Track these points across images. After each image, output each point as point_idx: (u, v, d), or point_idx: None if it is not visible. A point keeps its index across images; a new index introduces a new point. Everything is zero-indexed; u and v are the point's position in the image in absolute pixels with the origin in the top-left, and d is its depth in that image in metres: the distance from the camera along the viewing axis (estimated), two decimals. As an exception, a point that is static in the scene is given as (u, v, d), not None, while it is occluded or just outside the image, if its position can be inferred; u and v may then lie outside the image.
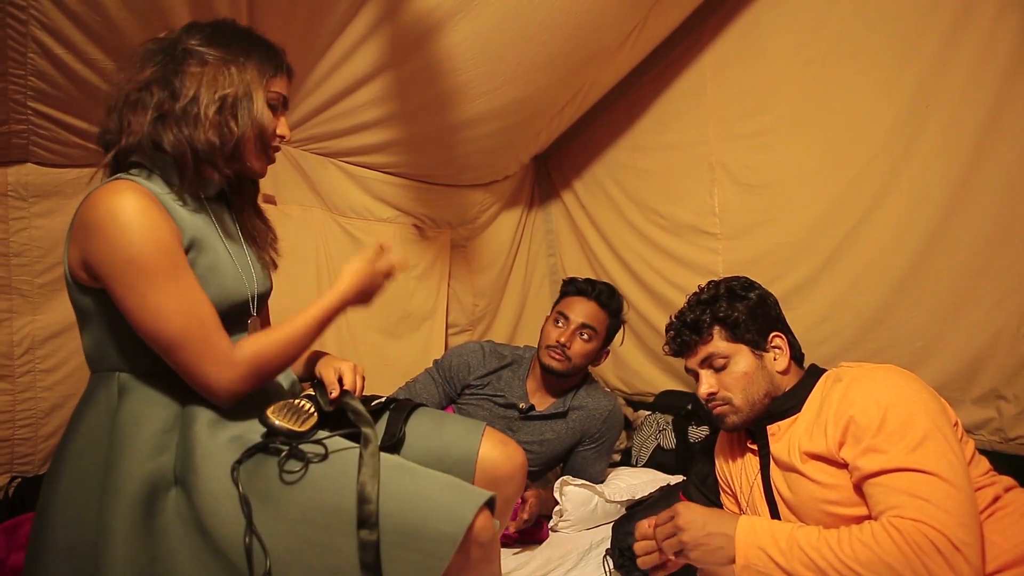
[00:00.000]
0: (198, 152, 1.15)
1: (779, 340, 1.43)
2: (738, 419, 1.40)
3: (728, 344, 1.42)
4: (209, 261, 1.17)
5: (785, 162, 2.29)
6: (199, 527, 1.06)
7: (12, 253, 1.78)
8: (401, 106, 2.17)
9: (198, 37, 1.18)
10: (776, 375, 1.41)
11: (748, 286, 1.48)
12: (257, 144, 1.22)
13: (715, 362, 1.42)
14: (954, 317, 1.95)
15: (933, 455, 1.14)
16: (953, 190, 1.92)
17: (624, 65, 2.55)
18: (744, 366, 1.40)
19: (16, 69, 1.56)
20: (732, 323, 1.42)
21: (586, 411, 2.17)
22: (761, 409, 1.40)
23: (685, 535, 1.21)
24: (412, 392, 2.19)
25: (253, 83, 1.18)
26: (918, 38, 1.95)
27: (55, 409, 1.88)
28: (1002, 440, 1.89)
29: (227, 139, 1.16)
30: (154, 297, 1.06)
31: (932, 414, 1.20)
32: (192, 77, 1.15)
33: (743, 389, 1.39)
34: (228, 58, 1.17)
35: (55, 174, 1.81)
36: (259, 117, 1.19)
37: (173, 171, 1.16)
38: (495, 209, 2.93)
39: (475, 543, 1.06)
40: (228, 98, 1.16)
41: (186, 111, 1.14)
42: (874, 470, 1.18)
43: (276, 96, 1.23)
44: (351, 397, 1.28)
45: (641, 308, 2.77)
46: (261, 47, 1.22)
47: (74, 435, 1.15)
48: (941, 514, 1.08)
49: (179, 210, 1.15)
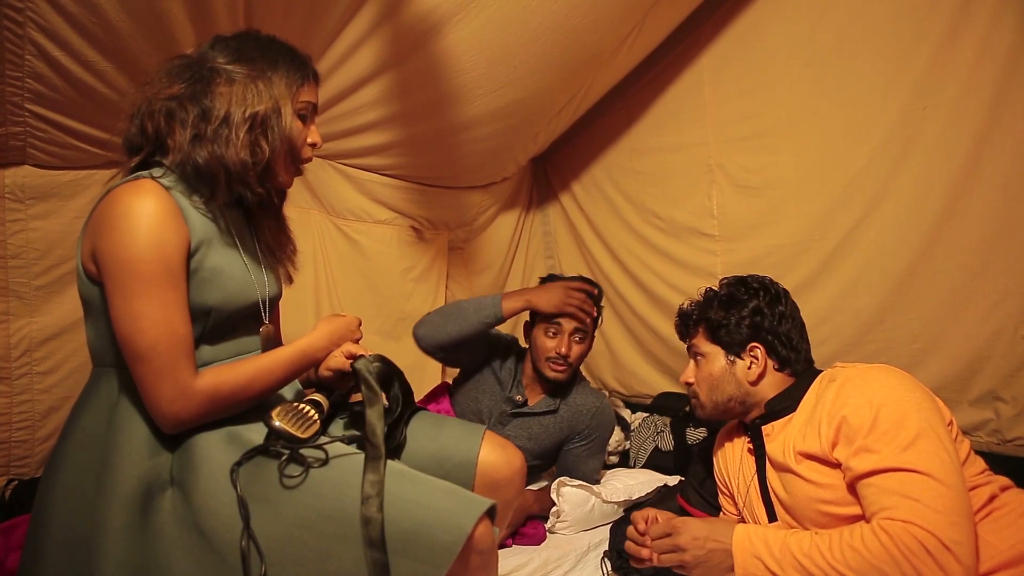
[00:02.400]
0: (231, 170, 1.15)
1: (758, 351, 1.45)
2: (703, 414, 1.51)
3: (706, 343, 1.50)
4: (216, 263, 1.17)
5: (783, 164, 2.29)
6: (196, 527, 1.06)
7: (9, 255, 1.78)
8: (399, 108, 2.17)
9: (224, 55, 1.18)
10: (746, 383, 1.45)
11: (753, 293, 1.50)
12: (287, 158, 1.23)
13: (696, 355, 1.52)
14: (952, 319, 1.95)
15: (925, 454, 1.15)
16: (951, 192, 1.92)
17: (622, 67, 2.55)
18: (713, 368, 1.48)
19: (13, 71, 1.56)
20: (714, 326, 1.49)
21: (574, 407, 2.18)
22: (726, 411, 1.47)
23: (688, 555, 1.26)
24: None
25: (281, 98, 1.19)
26: (916, 40, 1.95)
27: (52, 411, 1.87)
28: (999, 441, 1.89)
29: (259, 158, 1.17)
30: (137, 303, 1.06)
31: (925, 413, 1.20)
32: (221, 97, 1.15)
33: (708, 389, 1.48)
34: (255, 74, 1.17)
35: (52, 176, 1.81)
36: (288, 131, 1.20)
37: (203, 184, 1.16)
38: (493, 211, 2.93)
39: (475, 551, 1.06)
40: (258, 116, 1.16)
41: (218, 132, 1.14)
42: (866, 470, 1.19)
43: (305, 105, 1.24)
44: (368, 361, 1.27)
45: (639, 310, 2.77)
46: (287, 58, 1.22)
47: (73, 431, 1.15)
48: (931, 514, 1.09)
49: (194, 212, 1.16)
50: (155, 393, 1.07)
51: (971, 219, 1.89)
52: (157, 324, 1.06)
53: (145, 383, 1.07)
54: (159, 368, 1.06)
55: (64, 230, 1.84)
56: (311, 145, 1.27)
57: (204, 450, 1.11)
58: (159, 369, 1.06)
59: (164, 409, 1.07)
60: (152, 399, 1.07)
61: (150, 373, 1.07)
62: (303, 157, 1.27)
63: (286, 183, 1.29)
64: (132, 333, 1.07)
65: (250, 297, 1.22)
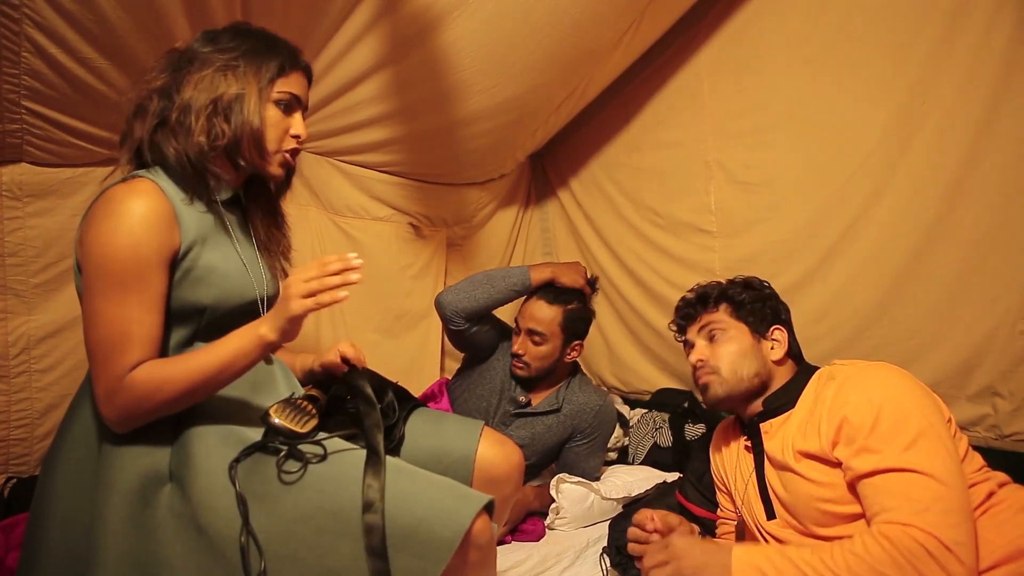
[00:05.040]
0: (192, 159, 1.15)
1: (779, 334, 1.47)
2: (721, 391, 1.44)
3: (730, 319, 1.48)
4: (210, 261, 1.16)
5: (781, 160, 2.29)
6: (194, 523, 1.06)
7: (7, 253, 1.78)
8: (397, 104, 2.17)
9: (204, 43, 1.19)
10: (770, 363, 1.45)
11: (765, 284, 1.55)
12: (253, 145, 1.20)
13: (712, 331, 1.48)
14: (950, 314, 1.95)
15: (926, 454, 1.15)
16: (949, 188, 1.92)
17: (620, 63, 2.55)
18: (740, 342, 1.45)
19: (10, 68, 1.55)
20: (738, 302, 1.49)
21: (576, 406, 2.18)
22: (748, 388, 1.43)
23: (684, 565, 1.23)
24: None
25: (248, 84, 1.17)
26: (914, 36, 1.95)
27: (50, 409, 1.87)
28: (997, 437, 1.89)
29: (219, 141, 1.16)
30: (101, 302, 1.07)
31: (925, 411, 1.20)
32: (189, 83, 1.16)
33: (732, 362, 1.43)
34: (227, 61, 1.18)
35: (50, 174, 1.81)
36: (251, 117, 1.18)
37: (178, 176, 1.17)
38: (491, 208, 2.93)
39: (473, 546, 1.06)
40: (221, 100, 1.16)
41: (180, 120, 1.15)
42: (867, 470, 1.18)
43: (285, 95, 1.22)
44: (358, 376, 1.28)
45: (637, 306, 2.77)
46: (267, 47, 1.21)
47: (71, 428, 1.16)
48: (932, 515, 1.09)
49: (189, 210, 1.16)
50: (95, 387, 1.08)
51: (969, 215, 1.89)
52: (110, 322, 1.07)
53: (92, 383, 1.09)
54: (97, 364, 1.07)
55: (62, 228, 1.83)
56: (294, 137, 1.25)
57: (202, 447, 1.11)
58: (97, 365, 1.07)
59: (101, 403, 1.07)
60: (94, 393, 1.08)
61: (93, 370, 1.08)
62: (280, 147, 1.24)
63: (272, 175, 1.27)
64: (87, 329, 1.08)
65: (247, 295, 1.22)
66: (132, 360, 1.07)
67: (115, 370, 1.06)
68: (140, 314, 1.08)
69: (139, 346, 1.07)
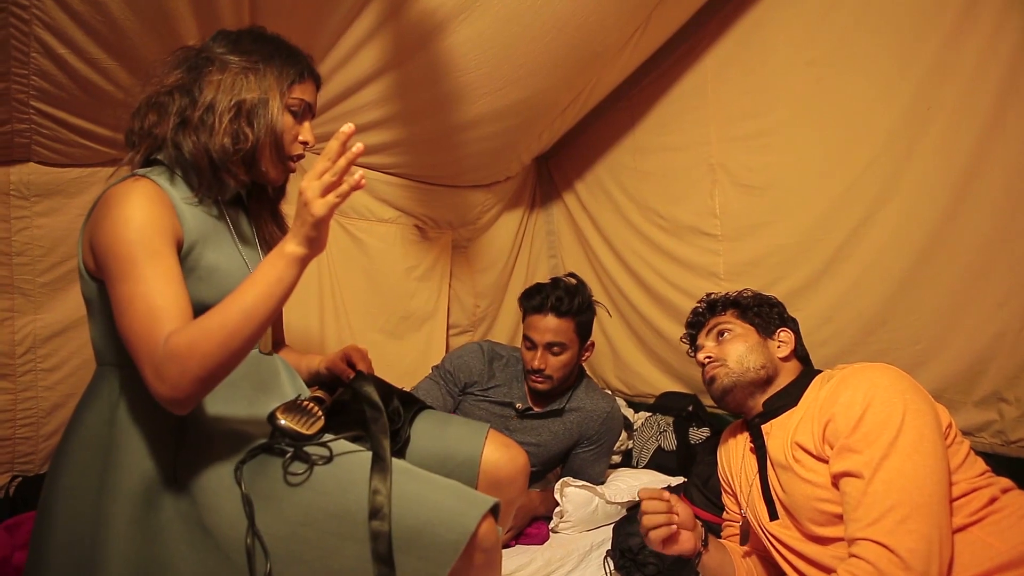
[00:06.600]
0: (213, 158, 1.16)
1: (785, 335, 1.52)
2: (728, 380, 1.48)
3: (737, 321, 1.54)
4: (212, 261, 1.17)
5: (786, 164, 2.29)
6: (200, 524, 1.06)
7: (14, 252, 1.78)
8: (403, 107, 2.17)
9: (223, 44, 1.20)
10: (776, 359, 1.49)
11: (773, 298, 1.61)
12: (273, 151, 1.22)
13: (720, 331, 1.54)
14: (955, 319, 1.95)
15: (900, 458, 1.16)
16: (954, 192, 1.91)
17: (626, 67, 2.55)
18: (747, 339, 1.51)
19: (19, 69, 1.56)
20: (744, 307, 1.55)
21: (584, 413, 2.17)
22: (755, 379, 1.46)
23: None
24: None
25: (271, 89, 1.19)
26: (919, 39, 1.95)
27: (56, 408, 1.88)
28: (1003, 443, 1.88)
29: (242, 145, 1.17)
30: (122, 286, 1.03)
31: (913, 413, 1.20)
32: (211, 84, 1.16)
33: (739, 355, 1.48)
34: (248, 64, 1.19)
35: (57, 173, 1.82)
36: (274, 123, 1.19)
37: (193, 174, 1.17)
38: (497, 210, 2.93)
39: (479, 549, 1.06)
40: (244, 104, 1.17)
41: (203, 118, 1.15)
42: (842, 470, 1.21)
43: (298, 102, 1.24)
44: (365, 382, 1.28)
45: (642, 309, 2.77)
46: (284, 54, 1.23)
47: (76, 429, 1.16)
48: (888, 523, 1.12)
49: (189, 210, 1.16)
50: (143, 373, 1.01)
51: (975, 219, 1.89)
52: (134, 302, 1.02)
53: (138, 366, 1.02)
54: (136, 347, 1.01)
55: (69, 227, 1.84)
56: (303, 143, 1.27)
57: (208, 448, 1.11)
58: (136, 348, 1.01)
59: (153, 385, 1.00)
60: (146, 382, 1.01)
61: (135, 354, 1.02)
62: (291, 153, 1.26)
63: (273, 178, 1.28)
64: (118, 320, 1.03)
65: None
66: (165, 330, 1.00)
67: (152, 346, 1.00)
68: (161, 286, 1.03)
69: (167, 316, 1.01)
